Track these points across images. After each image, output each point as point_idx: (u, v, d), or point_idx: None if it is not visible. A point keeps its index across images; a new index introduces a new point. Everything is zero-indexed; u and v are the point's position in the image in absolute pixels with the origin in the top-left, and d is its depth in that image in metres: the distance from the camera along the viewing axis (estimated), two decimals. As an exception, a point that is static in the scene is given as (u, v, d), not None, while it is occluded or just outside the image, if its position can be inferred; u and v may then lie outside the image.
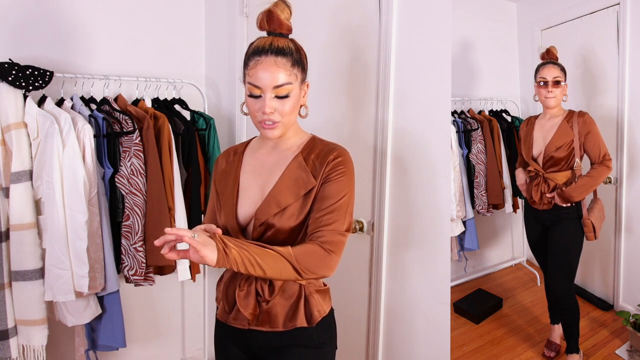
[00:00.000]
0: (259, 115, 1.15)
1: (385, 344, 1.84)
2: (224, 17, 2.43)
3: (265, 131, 1.18)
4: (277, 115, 1.15)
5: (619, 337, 2.23)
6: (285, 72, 1.13)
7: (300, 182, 1.19)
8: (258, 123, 1.18)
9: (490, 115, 2.64)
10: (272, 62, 1.13)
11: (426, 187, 1.66)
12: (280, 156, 1.25)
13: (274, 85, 1.13)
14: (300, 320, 1.22)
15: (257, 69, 1.13)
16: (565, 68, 2.09)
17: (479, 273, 2.78)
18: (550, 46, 2.12)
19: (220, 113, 2.49)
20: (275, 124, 1.16)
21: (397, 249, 1.77)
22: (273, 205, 1.18)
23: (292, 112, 1.18)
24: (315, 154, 1.22)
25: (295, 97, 1.17)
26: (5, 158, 1.76)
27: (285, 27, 1.19)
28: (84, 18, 2.17)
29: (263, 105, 1.13)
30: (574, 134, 2.04)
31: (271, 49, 1.13)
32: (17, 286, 1.76)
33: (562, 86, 2.07)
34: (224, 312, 1.28)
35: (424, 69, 1.63)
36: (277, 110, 1.15)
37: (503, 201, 2.56)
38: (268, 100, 1.13)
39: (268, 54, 1.13)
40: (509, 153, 2.62)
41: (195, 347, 2.67)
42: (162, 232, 1.05)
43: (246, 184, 1.25)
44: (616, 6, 2.07)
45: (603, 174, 2.03)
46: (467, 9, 2.44)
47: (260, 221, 1.19)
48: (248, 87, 1.15)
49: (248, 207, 1.23)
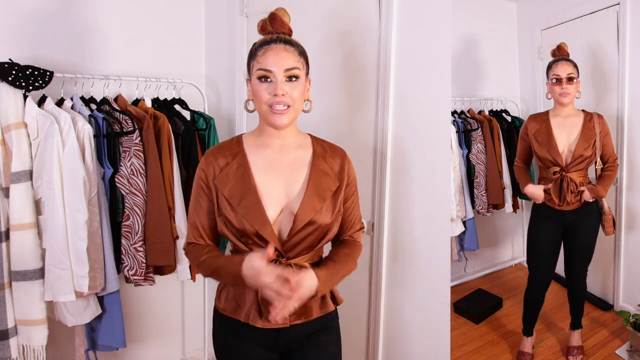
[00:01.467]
0: (269, 99, 1.17)
1: (385, 344, 1.84)
2: (224, 17, 2.43)
3: (275, 117, 1.19)
4: (289, 99, 1.18)
5: (619, 337, 2.23)
6: (294, 57, 1.19)
7: (325, 183, 1.26)
8: (268, 109, 1.19)
9: (490, 115, 2.64)
10: (282, 48, 1.19)
11: (426, 187, 1.66)
12: (294, 155, 1.27)
13: (286, 68, 1.17)
14: (330, 305, 1.30)
15: (267, 55, 1.18)
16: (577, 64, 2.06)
17: (479, 273, 2.78)
18: (561, 42, 2.08)
19: (220, 113, 2.49)
20: (287, 109, 1.18)
21: (397, 249, 1.77)
22: (315, 204, 1.22)
23: (300, 100, 1.21)
24: (328, 154, 1.30)
25: (302, 85, 1.22)
26: (5, 158, 1.76)
27: (287, 28, 1.25)
28: (84, 18, 2.17)
29: (275, 88, 1.16)
30: (596, 134, 2.03)
31: (279, 39, 1.20)
32: (17, 286, 1.76)
33: (576, 83, 2.04)
34: (255, 317, 1.21)
35: (424, 69, 1.63)
36: (288, 93, 1.18)
37: (503, 201, 2.56)
38: (280, 83, 1.17)
39: (277, 42, 1.19)
40: (509, 153, 2.62)
41: (195, 347, 2.67)
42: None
43: (264, 184, 1.23)
44: (616, 6, 2.07)
45: (616, 173, 2.10)
46: (467, 9, 2.44)
47: (304, 221, 1.20)
48: (258, 72, 1.18)
49: (276, 208, 1.22)
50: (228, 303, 1.27)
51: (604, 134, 2.05)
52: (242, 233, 1.20)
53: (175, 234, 2.03)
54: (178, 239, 2.05)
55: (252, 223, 1.18)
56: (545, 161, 2.06)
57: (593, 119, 2.06)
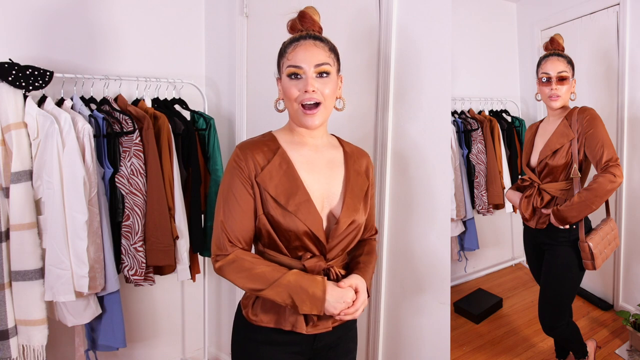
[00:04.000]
0: (300, 96, 1.15)
1: (385, 344, 1.84)
2: (224, 17, 2.43)
3: (307, 118, 1.15)
4: (320, 95, 1.15)
5: (619, 337, 2.23)
6: (324, 53, 1.17)
7: (360, 183, 1.27)
8: (299, 108, 1.16)
9: (490, 115, 2.64)
10: (312, 44, 1.17)
11: (426, 187, 1.66)
12: (329, 155, 1.27)
13: (316, 64, 1.15)
14: None
15: (296, 51, 1.16)
16: (573, 60, 1.79)
17: (479, 273, 2.78)
18: (555, 34, 1.79)
19: (220, 113, 2.49)
20: (318, 106, 1.15)
21: (397, 249, 1.77)
22: (355, 204, 1.23)
23: (332, 97, 1.19)
24: (355, 154, 1.30)
25: (334, 81, 1.19)
26: (5, 158, 1.76)
27: (317, 26, 1.23)
28: (84, 18, 2.17)
29: (306, 84, 1.14)
30: (573, 135, 1.68)
31: (309, 35, 1.19)
32: (17, 286, 1.76)
33: (569, 82, 1.72)
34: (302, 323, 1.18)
35: (424, 69, 1.63)
36: (319, 90, 1.15)
37: (503, 201, 2.55)
38: (310, 79, 1.14)
39: (307, 39, 1.18)
40: (509, 153, 2.62)
41: (195, 347, 2.67)
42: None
43: (307, 183, 1.19)
44: (616, 6, 2.07)
45: (605, 186, 1.56)
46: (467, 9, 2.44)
47: (346, 222, 1.20)
48: (288, 70, 1.16)
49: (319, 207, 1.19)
50: (266, 314, 1.21)
51: (585, 131, 1.65)
52: (289, 233, 1.15)
53: (175, 234, 2.03)
54: (178, 239, 2.06)
55: (305, 221, 1.14)
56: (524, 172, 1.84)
57: (572, 117, 1.70)
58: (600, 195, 1.58)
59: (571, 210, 1.63)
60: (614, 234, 1.76)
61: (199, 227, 2.19)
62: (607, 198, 1.65)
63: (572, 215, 1.63)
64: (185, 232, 2.10)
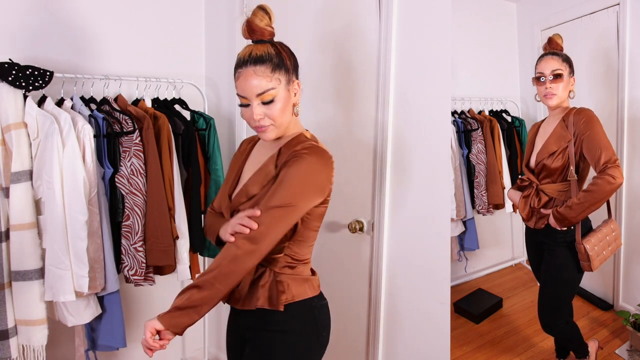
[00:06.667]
0: (251, 121, 1.24)
1: (385, 344, 1.84)
2: (224, 17, 2.43)
3: (262, 135, 1.27)
4: (267, 120, 1.22)
5: (619, 337, 2.23)
6: (265, 79, 1.19)
7: (266, 173, 1.25)
8: (253, 128, 1.26)
9: (490, 115, 2.64)
10: (252, 72, 1.19)
11: (426, 187, 1.66)
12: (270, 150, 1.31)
13: (257, 94, 1.19)
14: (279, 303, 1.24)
15: (239, 80, 1.21)
16: (571, 58, 1.79)
17: (479, 273, 2.77)
18: (553, 34, 1.80)
19: (220, 113, 2.49)
20: (267, 127, 1.23)
21: (397, 249, 1.77)
22: (243, 195, 1.27)
23: (283, 114, 1.23)
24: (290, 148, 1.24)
25: (283, 99, 1.22)
26: (5, 158, 1.76)
27: (266, 34, 1.24)
28: (85, 18, 2.17)
29: (251, 114, 1.21)
30: (570, 137, 1.69)
31: (250, 59, 1.19)
32: (17, 286, 1.76)
33: (565, 80, 1.73)
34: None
35: (424, 69, 1.63)
36: (266, 114, 1.21)
37: (503, 201, 2.55)
38: (255, 108, 1.21)
39: (247, 65, 1.19)
40: (509, 153, 2.62)
41: (195, 347, 2.67)
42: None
43: (244, 173, 1.35)
44: (616, 6, 2.07)
45: (603, 188, 1.57)
46: (467, 9, 2.44)
47: (233, 208, 1.29)
48: (238, 97, 1.23)
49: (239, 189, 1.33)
50: None
51: (582, 133, 1.65)
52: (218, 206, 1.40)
53: (175, 234, 2.03)
54: (178, 238, 2.06)
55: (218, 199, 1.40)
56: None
57: (569, 118, 1.71)
58: (599, 198, 1.60)
59: (570, 212, 1.65)
60: (614, 235, 1.77)
61: (199, 227, 2.19)
62: (607, 200, 1.66)
63: (572, 217, 1.66)
64: (185, 232, 2.10)
